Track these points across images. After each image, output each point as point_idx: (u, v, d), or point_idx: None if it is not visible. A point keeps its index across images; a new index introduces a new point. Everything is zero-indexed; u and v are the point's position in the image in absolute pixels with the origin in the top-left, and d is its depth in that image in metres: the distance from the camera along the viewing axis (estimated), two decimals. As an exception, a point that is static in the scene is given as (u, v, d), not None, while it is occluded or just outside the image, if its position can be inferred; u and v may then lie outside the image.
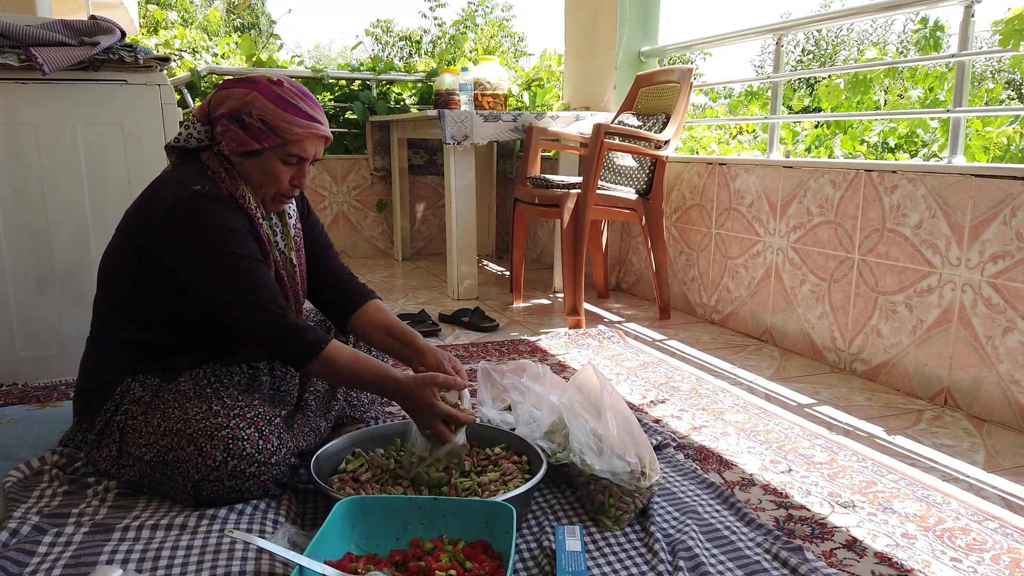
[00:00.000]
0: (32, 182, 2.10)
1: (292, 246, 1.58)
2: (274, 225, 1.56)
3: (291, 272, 1.58)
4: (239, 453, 1.33)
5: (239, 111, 1.40)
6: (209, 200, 1.39)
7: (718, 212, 3.04)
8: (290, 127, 1.41)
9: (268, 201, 1.50)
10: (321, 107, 1.48)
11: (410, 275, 4.17)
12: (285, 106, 1.41)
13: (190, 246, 1.38)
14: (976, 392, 2.04)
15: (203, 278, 1.38)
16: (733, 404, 2.08)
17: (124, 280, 1.48)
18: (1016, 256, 1.92)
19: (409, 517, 1.24)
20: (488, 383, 1.72)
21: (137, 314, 1.48)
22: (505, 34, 13.40)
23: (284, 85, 1.43)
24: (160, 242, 1.41)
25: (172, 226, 1.38)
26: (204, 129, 1.46)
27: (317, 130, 1.44)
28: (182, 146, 1.48)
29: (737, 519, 1.42)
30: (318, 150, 1.48)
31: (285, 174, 1.46)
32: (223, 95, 1.43)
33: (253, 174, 1.46)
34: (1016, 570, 1.27)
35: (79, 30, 2.10)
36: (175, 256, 1.40)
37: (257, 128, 1.40)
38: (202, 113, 1.46)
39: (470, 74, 3.68)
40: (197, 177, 1.42)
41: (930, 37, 3.68)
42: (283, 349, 1.40)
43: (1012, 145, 3.37)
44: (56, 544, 1.23)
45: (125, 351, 1.49)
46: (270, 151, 1.43)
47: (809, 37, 21.94)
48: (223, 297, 1.38)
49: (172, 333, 1.49)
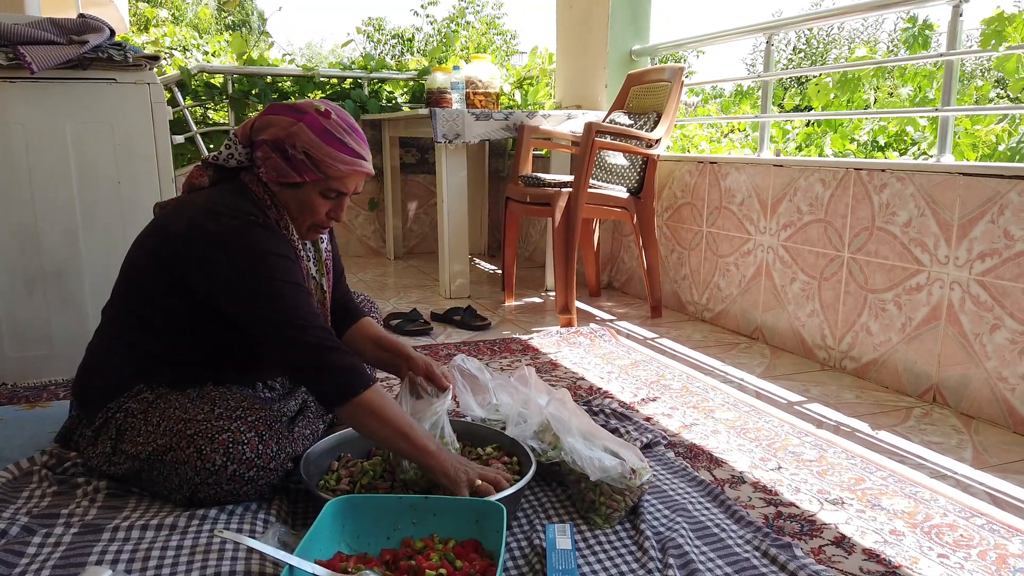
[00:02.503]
0: (21, 181, 2.08)
1: (324, 272, 1.57)
2: (308, 251, 1.54)
3: (321, 299, 1.57)
4: (238, 457, 1.32)
5: (283, 141, 1.37)
6: (262, 229, 1.37)
7: (709, 211, 3.05)
8: (334, 163, 1.38)
9: (304, 232, 1.48)
10: (366, 141, 1.45)
11: (402, 274, 4.17)
12: (331, 140, 1.37)
13: (245, 271, 1.33)
14: (964, 389, 2.05)
15: (252, 302, 1.33)
16: (723, 402, 2.09)
17: (148, 289, 1.44)
18: (1004, 254, 1.93)
19: (399, 516, 1.24)
20: (463, 380, 1.70)
21: (155, 322, 1.45)
22: (496, 32, 13.39)
23: (331, 117, 1.39)
24: (206, 262, 1.35)
25: (229, 250, 1.34)
26: (245, 151, 1.44)
27: (361, 167, 1.41)
28: (220, 164, 1.47)
29: (727, 516, 1.43)
30: (359, 185, 1.45)
31: (323, 207, 1.43)
32: (268, 121, 1.40)
33: (291, 204, 1.43)
34: (1003, 566, 1.28)
35: (68, 28, 2.09)
36: (222, 278, 1.35)
37: (300, 161, 1.37)
38: (244, 135, 1.43)
39: (462, 72, 3.68)
40: (246, 203, 1.40)
41: (919, 36, 3.70)
42: (327, 379, 1.32)
43: (1001, 144, 3.39)
44: (45, 545, 1.22)
45: (139, 356, 1.46)
46: (311, 184, 1.40)
47: (800, 36, 22.01)
48: (272, 320, 1.32)
49: (192, 349, 1.47)
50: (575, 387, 2.20)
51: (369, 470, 1.45)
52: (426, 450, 1.31)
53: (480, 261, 4.67)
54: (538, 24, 18.08)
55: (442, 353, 2.53)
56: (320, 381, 1.33)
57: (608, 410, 1.92)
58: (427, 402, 1.47)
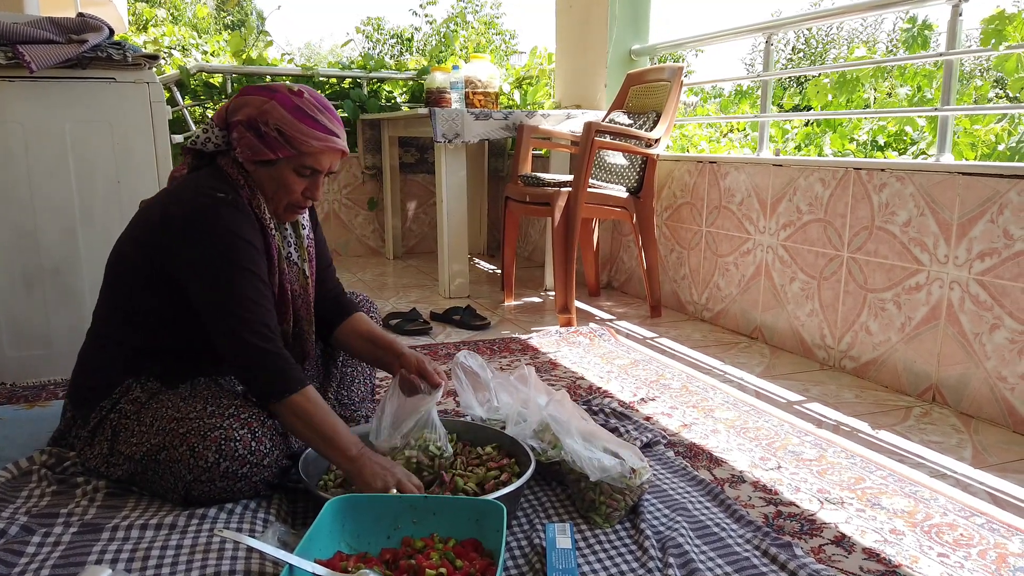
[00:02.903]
0: (20, 180, 2.08)
1: (305, 257, 1.58)
2: (288, 236, 1.55)
3: (303, 283, 1.57)
4: (231, 454, 1.32)
5: (256, 119, 1.39)
6: (232, 208, 1.38)
7: (708, 210, 3.05)
8: (306, 139, 1.39)
9: (281, 212, 1.49)
10: (340, 120, 1.46)
11: (401, 273, 4.16)
12: (302, 117, 1.39)
13: (205, 250, 1.36)
14: (964, 389, 2.05)
15: (207, 283, 1.36)
16: (723, 401, 2.09)
17: (131, 281, 1.46)
18: (1003, 253, 1.93)
19: (400, 515, 1.24)
20: (466, 378, 1.69)
21: (139, 316, 1.46)
22: (495, 32, 13.39)
23: (304, 96, 1.41)
24: (175, 245, 1.38)
25: (192, 229, 1.36)
26: (222, 134, 1.45)
27: (334, 144, 1.43)
28: (198, 149, 1.47)
29: (727, 516, 1.43)
30: (333, 163, 1.46)
31: (298, 185, 1.44)
32: (241, 101, 1.42)
33: (266, 183, 1.44)
34: (1003, 565, 1.28)
35: (67, 28, 2.09)
36: (186, 259, 1.38)
37: (273, 138, 1.39)
38: (220, 118, 1.45)
39: (461, 72, 3.67)
40: (219, 183, 1.41)
41: (918, 35, 3.70)
42: (255, 377, 1.35)
43: (1000, 143, 3.39)
44: (45, 544, 1.22)
45: (125, 352, 1.47)
46: (284, 161, 1.41)
47: (799, 36, 22.01)
48: (220, 305, 1.35)
49: (174, 339, 1.48)
50: (575, 386, 2.20)
51: None
52: (346, 455, 1.32)
53: (479, 261, 4.67)
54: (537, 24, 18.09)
55: (441, 353, 2.53)
56: (250, 378, 1.37)
57: (608, 409, 1.92)
58: (417, 399, 1.47)
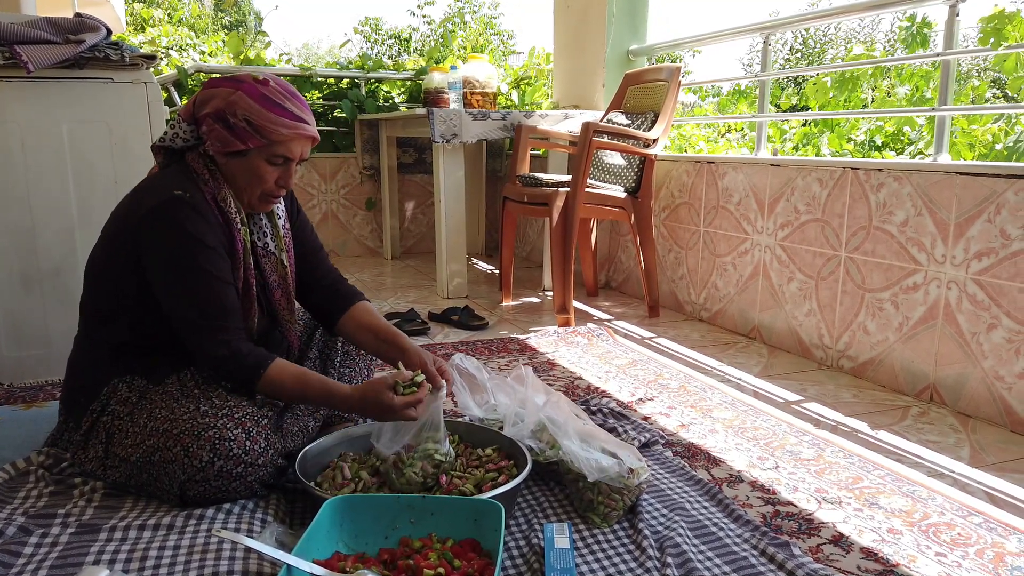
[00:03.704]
0: (17, 181, 2.08)
1: (283, 247, 1.58)
2: (263, 227, 1.55)
3: (282, 273, 1.57)
4: (225, 453, 1.32)
5: (224, 111, 1.39)
6: (189, 207, 1.38)
7: (706, 210, 3.05)
8: (275, 127, 1.40)
9: (255, 202, 1.49)
10: (308, 106, 1.47)
11: (399, 274, 4.16)
12: (270, 106, 1.39)
13: (162, 253, 1.39)
14: (961, 388, 2.06)
15: (166, 286, 1.40)
16: (721, 401, 2.09)
17: (108, 281, 1.47)
18: (1000, 253, 1.93)
19: (398, 515, 1.24)
20: (462, 379, 1.69)
21: (119, 315, 1.47)
22: (494, 32, 13.39)
23: (270, 84, 1.42)
24: (140, 245, 1.41)
25: (151, 231, 1.39)
26: (190, 129, 1.45)
27: (303, 130, 1.43)
28: (168, 146, 1.47)
29: (725, 515, 1.43)
30: (305, 150, 1.47)
31: (271, 174, 1.45)
32: (208, 94, 1.42)
33: (239, 174, 1.45)
34: (1000, 564, 1.28)
35: (64, 28, 2.09)
36: (147, 261, 1.40)
37: (242, 128, 1.39)
38: (187, 112, 1.45)
39: (459, 72, 3.68)
40: (180, 180, 1.42)
41: (917, 34, 3.70)
42: (226, 371, 1.41)
43: (997, 143, 3.39)
44: (42, 545, 1.22)
45: (109, 351, 1.48)
46: (255, 151, 1.42)
47: (797, 36, 22.03)
48: (178, 309, 1.40)
49: (155, 335, 1.48)
50: (573, 386, 2.20)
51: (364, 472, 1.44)
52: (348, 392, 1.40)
53: (477, 261, 4.67)
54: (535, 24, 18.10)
55: (440, 353, 2.52)
56: (220, 373, 1.43)
57: (606, 409, 1.92)
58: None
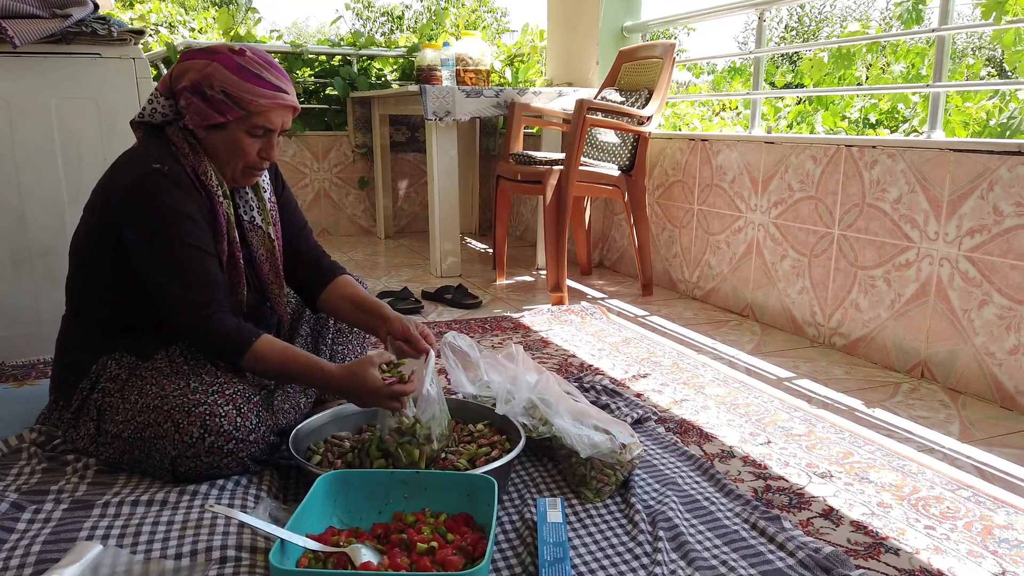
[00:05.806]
0: (4, 158, 2.05)
1: (270, 220, 1.57)
2: (249, 200, 1.54)
3: (270, 247, 1.56)
4: (216, 429, 1.32)
5: (200, 83, 1.37)
6: (168, 180, 1.36)
7: (700, 188, 3.05)
8: (254, 98, 1.37)
9: (238, 175, 1.47)
10: (287, 75, 1.44)
11: (393, 253, 4.15)
12: (247, 76, 1.37)
13: (142, 227, 1.37)
14: (952, 365, 2.07)
15: (147, 261, 1.38)
16: (714, 378, 2.10)
17: (92, 258, 1.46)
18: (993, 230, 1.94)
19: (391, 491, 1.24)
20: (455, 357, 1.69)
21: (105, 292, 1.46)
22: (487, 9, 13.27)
23: (246, 54, 1.39)
24: (119, 220, 1.39)
25: (130, 205, 1.37)
26: (168, 103, 1.43)
27: (282, 100, 1.41)
28: (147, 121, 1.45)
29: (716, 490, 1.44)
30: (285, 120, 1.44)
31: (252, 147, 1.43)
32: (184, 67, 1.39)
33: (219, 148, 1.43)
34: (988, 536, 1.30)
35: (50, 2, 2.05)
36: (127, 236, 1.39)
37: (220, 100, 1.37)
38: (164, 87, 1.43)
39: (452, 49, 3.64)
40: (159, 154, 1.40)
41: (912, 10, 3.68)
42: (210, 347, 1.40)
43: (991, 120, 3.39)
44: (35, 521, 1.22)
45: (97, 329, 1.47)
46: (235, 123, 1.40)
47: (792, 13, 21.90)
48: (160, 283, 1.38)
49: (140, 311, 1.47)
50: (566, 364, 2.21)
51: (356, 447, 1.45)
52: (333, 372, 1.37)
53: (471, 240, 4.66)
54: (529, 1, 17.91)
55: (433, 331, 2.52)
56: (205, 349, 1.43)
57: (599, 387, 1.93)
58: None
